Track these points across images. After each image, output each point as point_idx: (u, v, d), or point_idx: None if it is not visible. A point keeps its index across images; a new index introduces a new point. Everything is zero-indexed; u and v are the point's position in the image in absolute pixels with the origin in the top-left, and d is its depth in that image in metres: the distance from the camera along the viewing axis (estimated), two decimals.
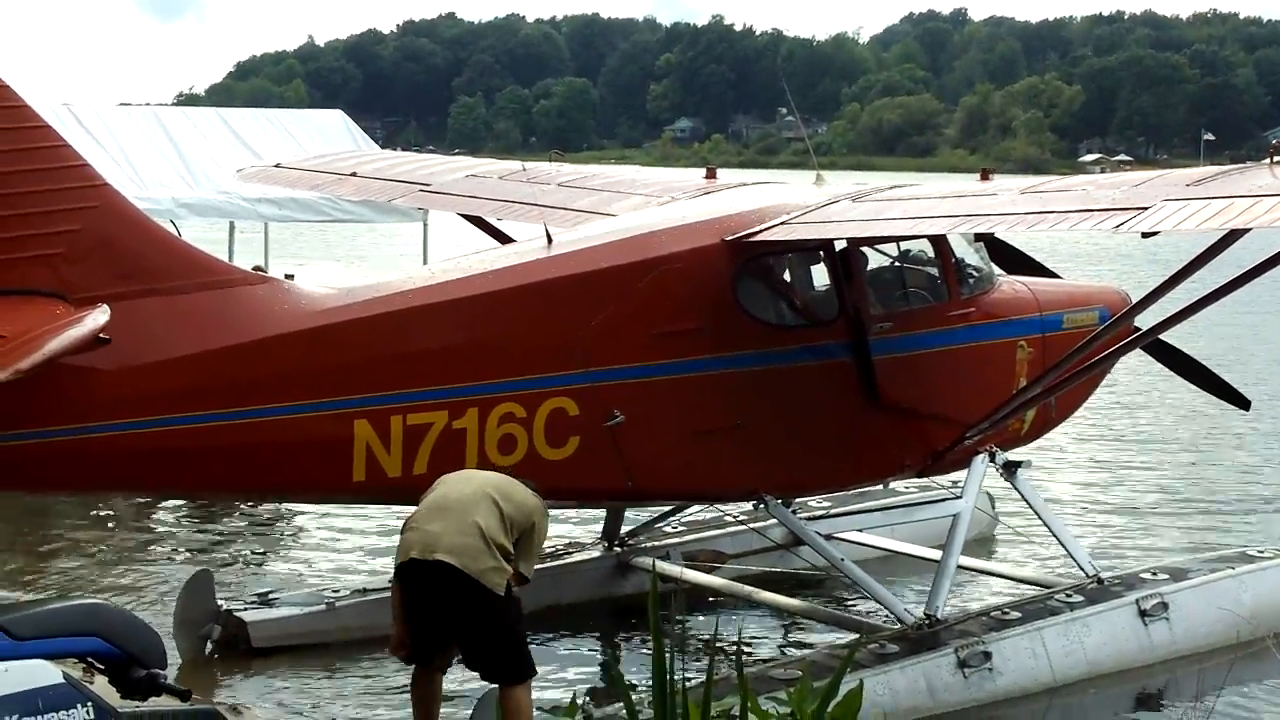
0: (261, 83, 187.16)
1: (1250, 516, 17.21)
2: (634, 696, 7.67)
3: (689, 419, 10.75)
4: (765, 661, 11.00)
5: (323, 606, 12.27)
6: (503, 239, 13.28)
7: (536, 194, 12.86)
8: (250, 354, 9.32)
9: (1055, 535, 12.54)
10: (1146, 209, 9.33)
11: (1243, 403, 14.08)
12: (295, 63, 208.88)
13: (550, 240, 10.83)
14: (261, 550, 15.47)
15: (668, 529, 14.05)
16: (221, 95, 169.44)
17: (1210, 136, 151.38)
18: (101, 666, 7.45)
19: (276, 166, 16.86)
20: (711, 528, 14.03)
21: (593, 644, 12.65)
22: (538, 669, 9.02)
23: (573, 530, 14.70)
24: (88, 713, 6.92)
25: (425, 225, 24.49)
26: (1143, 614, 11.86)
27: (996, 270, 12.89)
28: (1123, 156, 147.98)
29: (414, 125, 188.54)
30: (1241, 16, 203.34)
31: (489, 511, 8.67)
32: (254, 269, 14.18)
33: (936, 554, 12.05)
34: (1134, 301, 12.11)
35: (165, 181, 22.22)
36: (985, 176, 12.41)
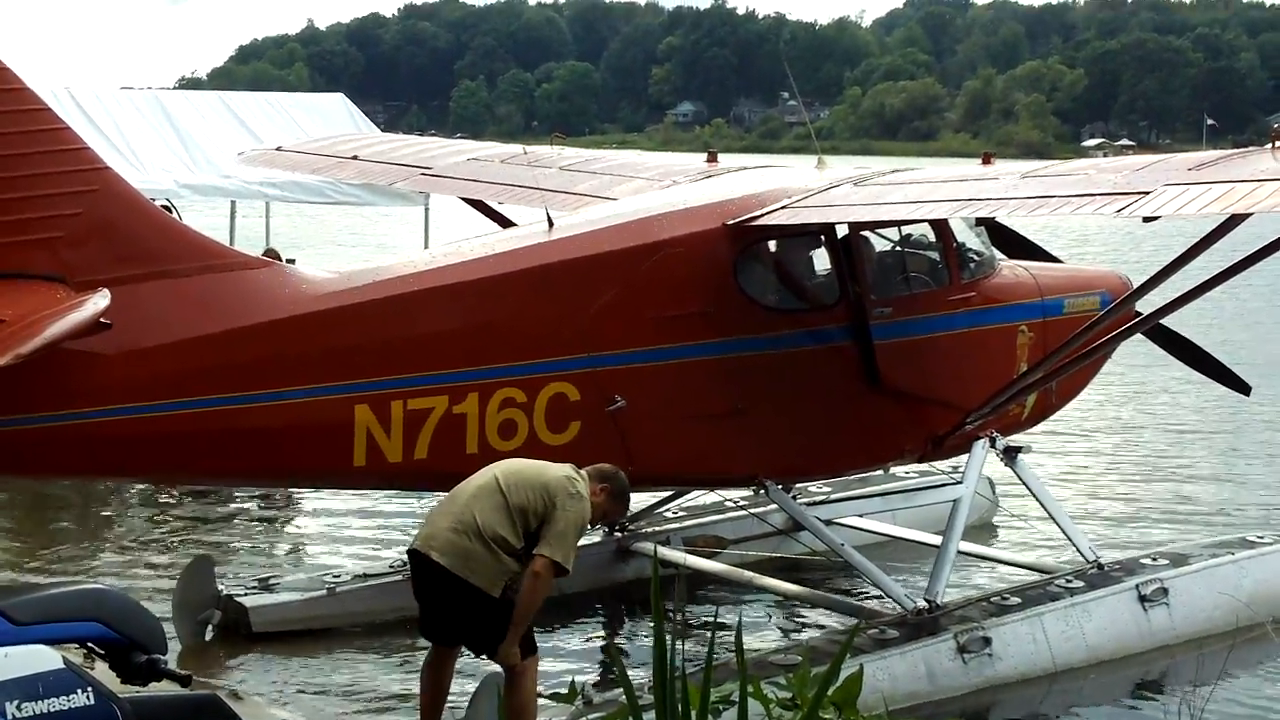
0: (263, 66, 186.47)
1: (1252, 505, 17.19)
2: (634, 682, 7.67)
3: (690, 403, 10.74)
4: (765, 647, 10.98)
5: (323, 591, 12.26)
6: (504, 223, 13.26)
7: (538, 178, 12.83)
8: (250, 338, 9.32)
9: (1055, 520, 12.52)
10: (1148, 193, 9.32)
11: (1243, 388, 14.06)
12: (297, 46, 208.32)
13: (551, 224, 10.82)
14: (262, 535, 15.47)
15: (668, 514, 14.05)
16: (223, 79, 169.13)
17: (1213, 121, 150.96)
18: (102, 652, 7.43)
19: (278, 150, 16.86)
20: (712, 513, 14.02)
21: (592, 629, 12.64)
22: (538, 653, 9.00)
23: None
24: (88, 698, 6.89)
25: (427, 209, 24.48)
26: (1143, 599, 11.87)
27: (998, 254, 12.88)
28: (1125, 141, 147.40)
29: (416, 109, 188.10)
30: (1245, 1, 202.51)
31: (491, 504, 8.54)
32: (266, 253, 14.18)
33: (937, 539, 12.05)
34: (1135, 286, 12.10)
35: (166, 165, 22.21)
36: (987, 160, 12.39)
